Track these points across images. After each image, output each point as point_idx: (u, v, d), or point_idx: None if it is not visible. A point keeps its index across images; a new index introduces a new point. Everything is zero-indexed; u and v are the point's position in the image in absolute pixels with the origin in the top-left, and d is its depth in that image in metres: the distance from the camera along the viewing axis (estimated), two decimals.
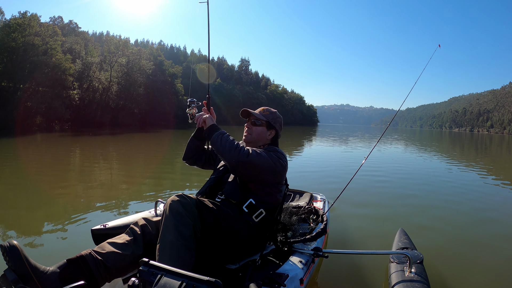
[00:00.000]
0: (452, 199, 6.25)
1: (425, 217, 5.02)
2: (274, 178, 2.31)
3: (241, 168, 2.15)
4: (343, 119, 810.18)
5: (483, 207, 5.85)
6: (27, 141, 18.04)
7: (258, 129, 2.51)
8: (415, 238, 3.37)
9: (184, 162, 2.79)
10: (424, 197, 6.50)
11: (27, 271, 1.64)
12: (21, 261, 1.64)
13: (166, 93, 52.92)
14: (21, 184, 6.49)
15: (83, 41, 46.91)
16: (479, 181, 9.02)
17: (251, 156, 2.14)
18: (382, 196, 6.31)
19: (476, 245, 3.97)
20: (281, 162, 2.31)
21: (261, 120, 2.52)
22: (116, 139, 21.31)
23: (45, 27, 35.02)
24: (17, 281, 1.60)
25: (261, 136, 2.52)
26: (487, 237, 4.27)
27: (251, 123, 2.53)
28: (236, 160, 2.11)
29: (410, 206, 5.71)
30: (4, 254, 1.66)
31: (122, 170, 9.06)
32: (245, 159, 2.11)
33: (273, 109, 2.64)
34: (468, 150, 24.71)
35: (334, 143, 23.89)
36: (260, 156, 2.19)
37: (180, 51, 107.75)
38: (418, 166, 12.04)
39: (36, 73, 31.51)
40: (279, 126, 2.60)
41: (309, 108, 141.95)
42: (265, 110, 2.60)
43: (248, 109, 2.54)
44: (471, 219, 5.09)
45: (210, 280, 1.37)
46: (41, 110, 31.67)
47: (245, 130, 2.54)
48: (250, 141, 2.52)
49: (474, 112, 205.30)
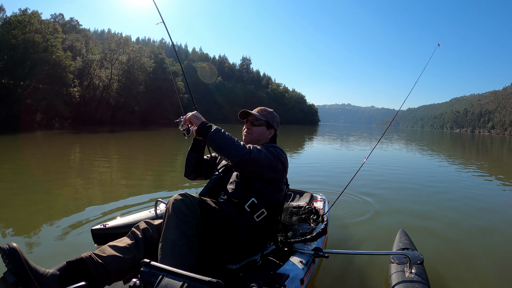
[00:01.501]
0: (453, 200, 6.22)
1: (425, 218, 5.00)
2: (275, 174, 2.33)
3: (243, 165, 2.15)
4: (344, 118, 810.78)
5: (484, 208, 5.81)
6: (26, 138, 17.92)
7: (258, 129, 2.54)
8: (416, 239, 3.35)
9: (186, 178, 2.77)
10: (425, 197, 6.46)
11: (27, 273, 1.63)
12: (21, 263, 1.63)
13: (167, 91, 52.87)
14: (19, 183, 6.41)
15: (84, 38, 46.85)
16: (481, 182, 8.97)
17: (253, 152, 2.15)
18: (382, 196, 6.25)
19: (477, 246, 3.97)
20: (281, 157, 2.33)
21: (260, 120, 2.54)
22: (116, 137, 21.22)
23: (46, 24, 34.86)
24: (16, 283, 1.59)
25: (261, 136, 2.55)
26: (487, 238, 4.26)
27: (250, 124, 2.55)
28: (239, 157, 2.11)
29: (411, 206, 5.70)
30: (3, 256, 1.65)
31: (122, 169, 8.98)
32: (247, 157, 2.12)
33: (269, 108, 2.66)
34: (469, 151, 24.70)
35: (333, 143, 23.90)
36: (261, 152, 2.20)
37: (181, 49, 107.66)
38: (419, 167, 11.99)
39: (36, 70, 31.44)
40: (277, 125, 2.64)
41: (310, 107, 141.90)
42: (263, 110, 2.61)
43: (248, 110, 2.55)
44: (471, 220, 5.06)
45: (212, 280, 1.37)
46: (41, 108, 31.65)
47: (245, 131, 2.56)
48: (251, 141, 2.53)
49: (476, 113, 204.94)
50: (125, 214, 4.10)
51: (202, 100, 73.73)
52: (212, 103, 70.33)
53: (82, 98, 39.45)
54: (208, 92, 79.24)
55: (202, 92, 76.49)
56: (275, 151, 2.30)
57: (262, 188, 2.31)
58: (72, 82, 36.89)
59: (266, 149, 2.28)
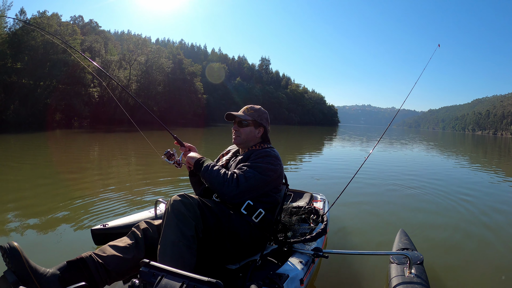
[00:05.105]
0: (453, 201, 6.14)
1: (425, 218, 5.03)
2: (271, 185, 2.30)
3: (235, 200, 2.15)
4: (365, 119, 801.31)
5: (484, 208, 5.68)
6: (45, 137, 18.32)
7: (246, 130, 2.46)
8: (416, 239, 3.40)
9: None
10: (425, 198, 6.39)
11: (27, 273, 1.63)
12: (21, 262, 1.64)
13: (186, 91, 53.18)
14: (22, 183, 6.39)
15: (103, 39, 47.41)
16: (482, 182, 8.91)
17: (241, 185, 2.13)
18: (382, 197, 6.31)
19: (476, 246, 3.95)
20: (272, 168, 2.28)
21: (247, 121, 2.46)
22: (128, 137, 21.13)
23: (65, 26, 35.66)
24: (17, 282, 1.60)
25: (250, 136, 2.47)
26: (487, 238, 4.22)
27: (237, 125, 2.47)
28: (227, 196, 2.12)
29: (411, 206, 5.74)
30: (4, 255, 1.66)
31: (122, 169, 8.88)
32: (236, 191, 2.11)
33: (256, 106, 2.57)
34: (483, 152, 24.57)
35: (340, 143, 24.37)
36: (248, 180, 2.16)
37: (200, 50, 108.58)
38: (419, 167, 11.90)
39: (56, 71, 31.94)
40: (266, 122, 2.54)
41: (330, 108, 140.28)
42: (249, 109, 2.51)
43: (232, 112, 2.48)
44: (471, 220, 5.01)
45: (211, 280, 1.37)
46: (61, 107, 32.29)
47: (233, 133, 2.49)
48: (240, 143, 2.48)
49: (498, 115, 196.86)
50: (125, 214, 4.07)
51: (221, 100, 74.13)
52: (231, 103, 70.34)
53: (101, 98, 39.83)
54: (227, 92, 79.63)
55: (221, 93, 76.97)
56: (263, 165, 2.24)
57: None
58: (91, 82, 37.25)
59: (254, 166, 2.23)
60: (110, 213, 4.44)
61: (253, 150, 2.39)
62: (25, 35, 30.76)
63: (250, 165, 2.24)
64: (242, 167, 2.25)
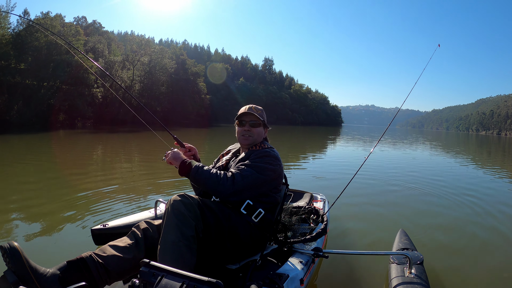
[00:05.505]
0: (453, 201, 6.14)
1: (425, 218, 5.01)
2: (270, 185, 2.28)
3: (232, 197, 2.14)
4: (368, 120, 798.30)
5: (484, 209, 5.67)
6: (49, 138, 18.39)
7: (258, 130, 2.45)
8: (416, 239, 3.45)
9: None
10: (425, 198, 6.39)
11: (27, 273, 1.63)
12: (21, 262, 1.63)
13: (189, 92, 53.17)
14: (25, 184, 6.38)
15: (106, 40, 47.48)
16: (484, 182, 8.87)
17: (237, 183, 2.12)
18: (382, 197, 6.29)
19: (476, 246, 3.96)
20: (271, 168, 2.26)
21: (259, 121, 2.45)
22: (131, 137, 21.12)
23: (68, 27, 35.67)
24: (17, 282, 1.59)
25: (259, 137, 2.48)
26: (487, 238, 4.22)
27: (250, 125, 2.44)
28: (223, 194, 2.11)
29: (411, 207, 5.74)
30: (4, 255, 1.65)
31: (123, 169, 8.88)
32: (232, 189, 2.10)
33: (259, 106, 2.55)
34: (486, 152, 24.41)
35: (342, 143, 24.43)
36: (245, 178, 2.15)
37: (203, 50, 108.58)
38: (420, 167, 11.81)
39: (59, 72, 31.96)
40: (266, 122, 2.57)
41: (333, 108, 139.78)
42: (257, 109, 2.49)
43: (251, 112, 2.44)
44: (472, 220, 5.00)
45: (211, 280, 1.37)
46: (64, 108, 32.29)
47: (245, 133, 2.44)
48: (251, 143, 2.45)
49: (502, 115, 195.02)
50: (125, 214, 4.02)
51: (224, 100, 74.12)
52: (234, 103, 70.31)
53: (105, 99, 39.89)
54: (230, 93, 79.58)
55: (225, 93, 76.95)
56: (262, 164, 2.23)
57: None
58: (94, 83, 37.31)
59: (252, 165, 2.22)
60: (110, 213, 4.43)
61: (253, 150, 2.38)
62: (29, 36, 30.88)
63: (248, 164, 2.23)
64: (240, 166, 2.25)
